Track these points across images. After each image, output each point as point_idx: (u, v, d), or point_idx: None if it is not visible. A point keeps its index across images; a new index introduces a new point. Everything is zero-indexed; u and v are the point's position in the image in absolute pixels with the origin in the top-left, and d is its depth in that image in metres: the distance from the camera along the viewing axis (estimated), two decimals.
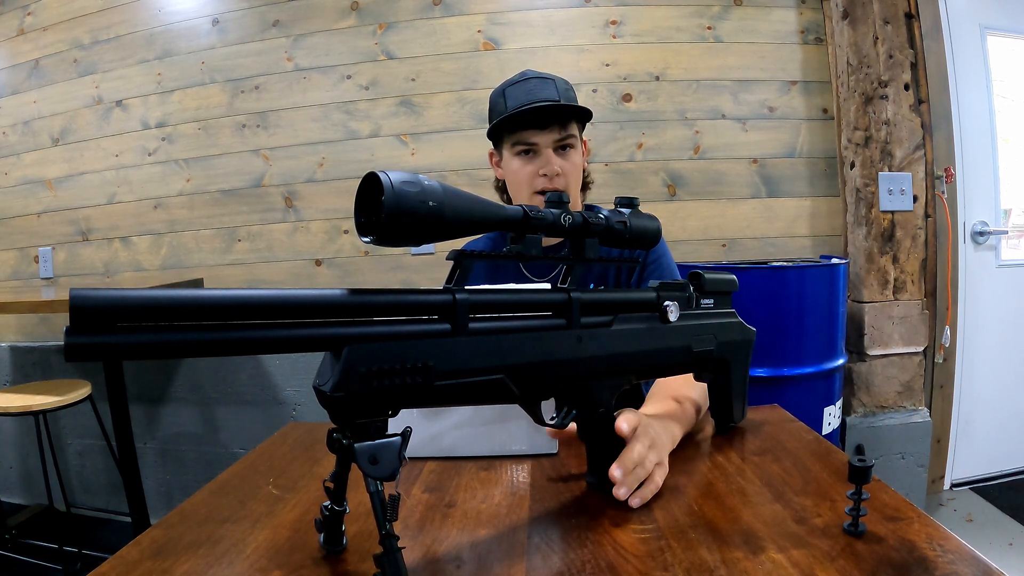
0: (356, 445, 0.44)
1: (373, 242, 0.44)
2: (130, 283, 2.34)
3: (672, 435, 0.74)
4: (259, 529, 0.60)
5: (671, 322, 0.67)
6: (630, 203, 0.63)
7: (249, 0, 2.24)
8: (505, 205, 0.52)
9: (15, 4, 2.45)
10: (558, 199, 0.56)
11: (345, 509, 0.53)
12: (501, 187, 1.20)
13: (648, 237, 0.64)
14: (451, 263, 0.51)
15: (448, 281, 0.51)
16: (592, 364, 0.60)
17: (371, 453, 0.44)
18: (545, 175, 1.08)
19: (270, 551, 0.55)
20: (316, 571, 0.52)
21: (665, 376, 0.76)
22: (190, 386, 2.36)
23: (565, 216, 0.56)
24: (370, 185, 0.45)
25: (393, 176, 0.43)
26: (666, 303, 0.67)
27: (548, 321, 0.57)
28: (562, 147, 1.10)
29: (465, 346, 0.49)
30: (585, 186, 1.22)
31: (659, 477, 0.65)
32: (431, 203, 0.45)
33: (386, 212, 0.43)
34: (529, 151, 1.09)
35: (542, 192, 1.08)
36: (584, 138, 1.17)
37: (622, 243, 0.62)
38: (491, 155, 1.21)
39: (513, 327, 0.54)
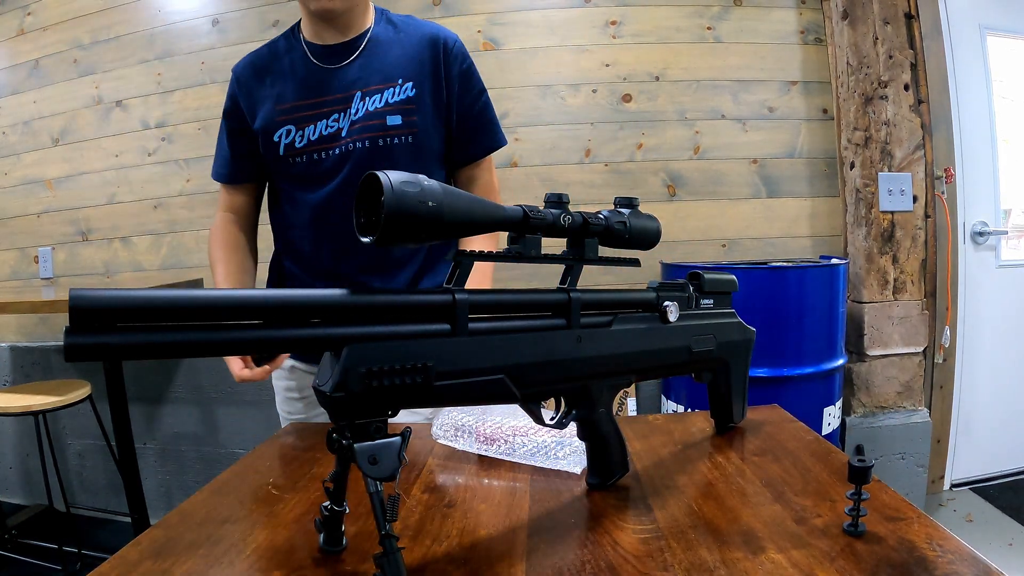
0: (356, 445, 0.44)
1: (373, 242, 0.44)
2: (130, 283, 2.34)
3: None
4: (259, 529, 0.60)
5: (671, 322, 0.67)
6: (629, 203, 0.63)
7: (249, 0, 2.24)
8: (504, 205, 0.52)
9: (15, 4, 2.45)
10: (557, 199, 0.56)
11: (345, 509, 0.53)
12: None
13: (648, 237, 0.64)
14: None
15: (448, 281, 0.51)
16: (592, 364, 0.60)
17: (371, 453, 0.44)
18: None
19: (270, 551, 0.55)
20: (316, 571, 0.52)
21: (665, 376, 0.76)
22: (190, 386, 2.36)
23: (565, 216, 0.56)
24: (370, 185, 0.45)
25: (393, 176, 0.43)
26: (666, 303, 0.67)
27: (548, 321, 0.57)
28: None
29: (465, 346, 0.50)
30: None
31: None
32: (431, 203, 0.45)
33: (386, 212, 0.43)
34: None
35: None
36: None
37: (622, 243, 0.62)
38: None
39: (513, 327, 0.54)
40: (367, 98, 1.04)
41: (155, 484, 2.41)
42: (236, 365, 0.88)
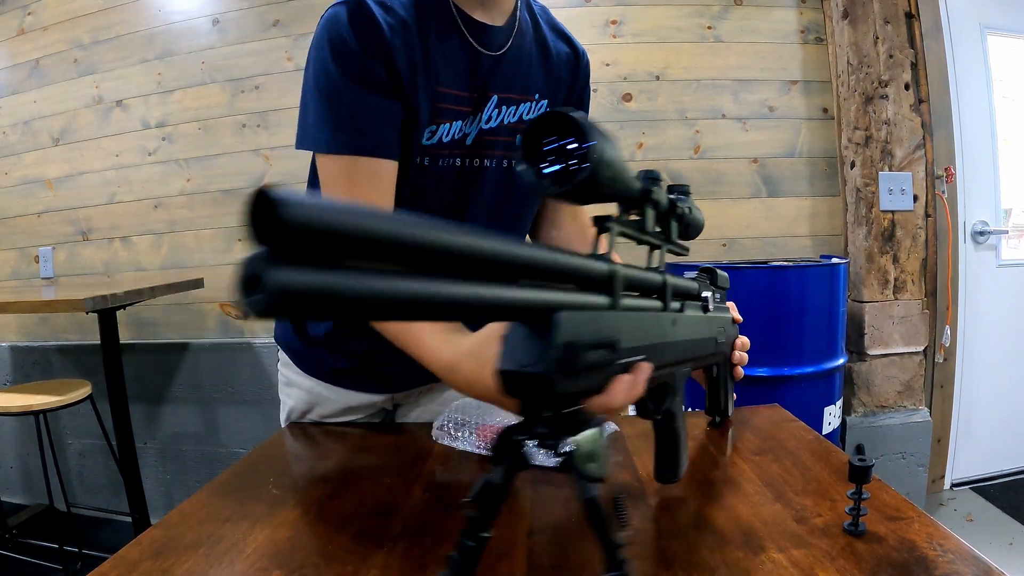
0: (575, 441, 0.35)
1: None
2: (130, 283, 2.34)
3: None
4: (259, 529, 0.60)
5: (709, 311, 0.64)
6: (684, 191, 0.54)
7: (249, 0, 2.24)
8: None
9: (15, 4, 2.45)
10: (655, 176, 0.48)
11: (490, 533, 0.40)
12: None
13: (699, 227, 0.57)
14: None
15: (593, 251, 0.42)
16: (681, 349, 0.55)
17: (590, 450, 0.35)
18: None
19: (270, 551, 0.55)
20: (316, 571, 0.52)
21: (700, 367, 0.73)
22: (190, 386, 2.36)
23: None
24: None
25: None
26: (705, 293, 0.63)
27: (651, 302, 0.49)
28: None
29: (627, 322, 0.41)
30: None
31: None
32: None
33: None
34: None
35: None
36: None
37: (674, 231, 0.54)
38: None
39: (643, 305, 0.47)
40: (503, 107, 0.82)
41: (155, 484, 2.41)
42: None
